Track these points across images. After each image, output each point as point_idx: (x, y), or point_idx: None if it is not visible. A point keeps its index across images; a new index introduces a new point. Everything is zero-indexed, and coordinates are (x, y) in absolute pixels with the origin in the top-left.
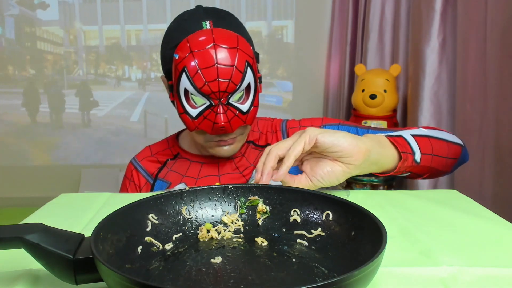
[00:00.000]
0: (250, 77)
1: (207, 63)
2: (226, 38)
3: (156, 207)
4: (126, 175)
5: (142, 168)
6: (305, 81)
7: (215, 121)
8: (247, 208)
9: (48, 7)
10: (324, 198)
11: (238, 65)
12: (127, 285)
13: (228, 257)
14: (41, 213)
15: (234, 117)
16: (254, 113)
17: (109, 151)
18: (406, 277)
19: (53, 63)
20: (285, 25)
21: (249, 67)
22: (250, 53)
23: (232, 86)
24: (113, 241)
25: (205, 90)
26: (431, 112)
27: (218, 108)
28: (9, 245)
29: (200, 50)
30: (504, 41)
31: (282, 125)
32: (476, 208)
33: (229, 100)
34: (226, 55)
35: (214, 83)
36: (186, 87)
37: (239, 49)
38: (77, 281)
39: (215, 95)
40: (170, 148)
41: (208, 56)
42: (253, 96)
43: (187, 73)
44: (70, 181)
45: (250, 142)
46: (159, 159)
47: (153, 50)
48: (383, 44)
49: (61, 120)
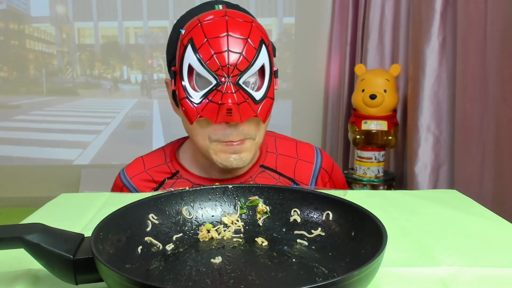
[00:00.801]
0: (265, 57)
1: (216, 33)
2: (239, 14)
3: (156, 207)
4: (114, 190)
5: (134, 187)
6: (305, 81)
7: (221, 102)
8: (247, 208)
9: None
10: (324, 198)
11: (252, 40)
12: (127, 285)
13: (228, 257)
14: (41, 213)
15: (244, 102)
16: (268, 106)
17: (109, 151)
18: (406, 277)
19: (46, 64)
20: (284, 25)
21: (265, 46)
22: (265, 33)
23: (244, 61)
24: (113, 241)
25: (212, 65)
26: (431, 112)
27: (225, 86)
28: (9, 245)
29: (209, 21)
30: (504, 41)
31: (316, 160)
32: (476, 208)
33: (239, 81)
34: (239, 26)
35: (223, 55)
36: (191, 63)
37: (253, 25)
38: (77, 281)
39: (223, 71)
40: (168, 163)
41: (218, 25)
42: (267, 84)
43: (193, 44)
44: (70, 181)
45: (264, 167)
46: (154, 177)
47: (154, 49)
48: (383, 44)
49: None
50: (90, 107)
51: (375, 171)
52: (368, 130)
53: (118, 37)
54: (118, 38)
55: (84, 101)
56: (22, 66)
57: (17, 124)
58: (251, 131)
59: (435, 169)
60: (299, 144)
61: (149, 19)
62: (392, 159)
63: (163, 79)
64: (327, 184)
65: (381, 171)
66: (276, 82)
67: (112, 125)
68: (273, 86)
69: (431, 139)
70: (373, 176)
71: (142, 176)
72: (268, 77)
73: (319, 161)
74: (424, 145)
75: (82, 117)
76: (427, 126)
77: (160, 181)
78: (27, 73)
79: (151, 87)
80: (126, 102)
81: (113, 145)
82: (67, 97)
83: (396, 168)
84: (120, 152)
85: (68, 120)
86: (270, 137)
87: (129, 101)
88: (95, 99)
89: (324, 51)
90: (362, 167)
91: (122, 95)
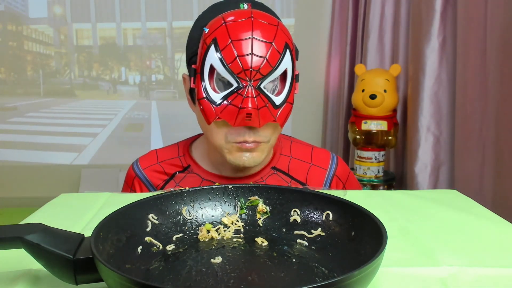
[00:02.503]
0: (288, 62)
1: (241, 35)
2: (265, 16)
3: (156, 207)
4: (126, 181)
5: (146, 178)
6: (305, 81)
7: (241, 106)
8: (247, 208)
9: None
10: (324, 198)
11: (277, 44)
12: (127, 285)
13: (228, 257)
14: (41, 213)
15: (264, 107)
16: (287, 111)
17: (110, 151)
18: (406, 277)
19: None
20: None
21: (289, 50)
22: (290, 37)
23: (267, 66)
24: (113, 241)
25: (234, 67)
26: (431, 112)
27: (246, 90)
28: (9, 245)
29: (234, 21)
30: (504, 41)
31: (330, 167)
32: (476, 208)
33: (261, 86)
34: (264, 29)
35: (246, 58)
36: (213, 64)
37: (279, 28)
38: (77, 281)
39: (246, 75)
40: (180, 157)
41: (243, 27)
42: (288, 90)
43: (217, 44)
44: (70, 181)
45: (276, 169)
46: (166, 170)
47: (152, 50)
48: (383, 44)
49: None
50: (88, 108)
51: (375, 171)
52: (368, 130)
53: (116, 39)
54: (116, 40)
55: (82, 102)
56: (20, 67)
57: (13, 126)
58: (267, 134)
59: (435, 169)
60: (315, 150)
61: (147, 21)
62: (392, 159)
63: (162, 81)
64: None
65: (381, 171)
66: (296, 87)
67: (110, 127)
68: (293, 91)
69: (431, 139)
70: (373, 176)
71: (154, 167)
72: (289, 82)
73: (333, 168)
74: (424, 145)
75: (80, 119)
76: (427, 126)
77: (171, 173)
78: (25, 74)
79: (149, 88)
80: (124, 103)
81: (110, 147)
82: (65, 98)
83: (396, 168)
84: (117, 154)
85: (66, 123)
86: (287, 141)
87: (127, 103)
88: (93, 101)
89: (324, 51)
90: (362, 167)
91: (120, 97)
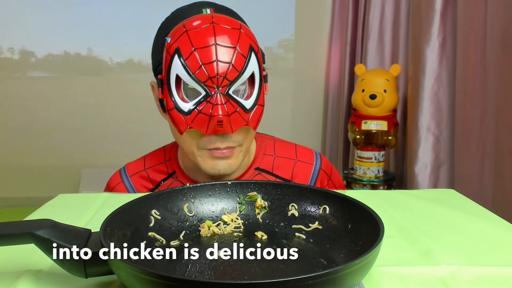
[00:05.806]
0: (254, 65)
1: (203, 42)
2: (227, 20)
3: (158, 203)
4: (108, 185)
5: (131, 186)
6: (305, 81)
7: (211, 114)
8: (246, 203)
9: None
10: (321, 193)
11: (241, 48)
12: (141, 277)
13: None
14: (39, 214)
15: (235, 112)
16: (258, 113)
17: (109, 151)
18: (406, 277)
19: None
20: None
21: (254, 53)
22: (254, 39)
23: (234, 71)
24: (119, 236)
25: (200, 75)
26: (431, 112)
27: (215, 98)
28: (20, 241)
29: (196, 29)
30: (504, 41)
31: (316, 162)
32: (473, 207)
33: (229, 91)
34: (226, 35)
35: (212, 65)
36: (178, 73)
37: (242, 32)
38: (87, 274)
39: (213, 82)
40: (166, 162)
41: (205, 34)
42: (257, 92)
43: (180, 54)
44: (70, 181)
45: (260, 170)
46: (151, 176)
47: None
48: (383, 44)
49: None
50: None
51: (375, 171)
52: (368, 130)
53: None
54: None
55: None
56: None
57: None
58: (239, 139)
59: (435, 169)
60: (299, 148)
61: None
62: (392, 159)
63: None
64: (327, 186)
65: (381, 171)
66: (265, 87)
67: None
68: (263, 93)
69: (431, 139)
70: (373, 176)
71: (141, 174)
72: (258, 85)
73: (318, 162)
74: (424, 145)
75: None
76: (427, 126)
77: (156, 181)
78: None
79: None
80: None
81: (110, 147)
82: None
83: (396, 168)
84: (117, 154)
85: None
86: (270, 140)
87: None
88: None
89: (324, 51)
90: (362, 167)
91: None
